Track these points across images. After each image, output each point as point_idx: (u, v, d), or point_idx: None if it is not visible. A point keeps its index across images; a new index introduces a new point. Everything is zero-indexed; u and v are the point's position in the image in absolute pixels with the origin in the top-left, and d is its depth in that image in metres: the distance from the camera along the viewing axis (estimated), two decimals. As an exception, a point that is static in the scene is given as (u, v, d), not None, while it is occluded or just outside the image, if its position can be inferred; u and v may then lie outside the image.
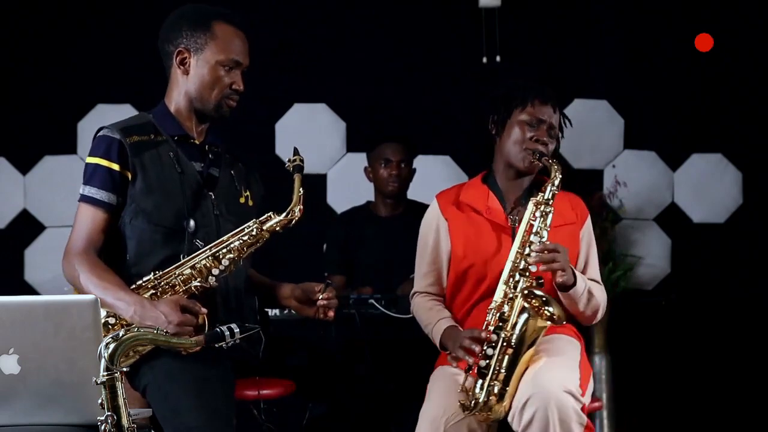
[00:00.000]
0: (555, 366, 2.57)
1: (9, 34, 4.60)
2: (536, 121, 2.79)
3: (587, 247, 2.85)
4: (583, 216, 2.88)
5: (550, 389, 2.48)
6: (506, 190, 2.85)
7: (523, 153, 2.77)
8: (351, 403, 2.74)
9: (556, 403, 2.46)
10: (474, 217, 2.83)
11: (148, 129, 2.64)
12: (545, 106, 2.80)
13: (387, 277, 3.91)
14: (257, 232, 2.56)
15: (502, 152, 2.84)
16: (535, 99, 2.80)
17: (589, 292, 2.73)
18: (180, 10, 2.71)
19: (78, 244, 2.56)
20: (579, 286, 2.69)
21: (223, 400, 2.46)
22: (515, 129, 2.80)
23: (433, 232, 2.87)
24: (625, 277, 4.58)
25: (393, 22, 4.78)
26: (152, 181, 2.57)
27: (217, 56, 2.63)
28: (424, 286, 2.90)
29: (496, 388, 2.54)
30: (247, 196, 2.75)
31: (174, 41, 2.66)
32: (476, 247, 2.78)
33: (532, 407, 2.47)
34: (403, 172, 4.07)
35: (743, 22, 4.80)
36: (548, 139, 2.79)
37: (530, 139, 2.77)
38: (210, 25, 2.64)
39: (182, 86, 2.67)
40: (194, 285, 2.53)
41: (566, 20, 4.82)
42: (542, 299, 2.58)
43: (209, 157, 2.70)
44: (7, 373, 2.08)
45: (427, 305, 2.88)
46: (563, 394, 2.48)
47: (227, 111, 2.68)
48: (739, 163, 4.86)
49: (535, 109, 2.79)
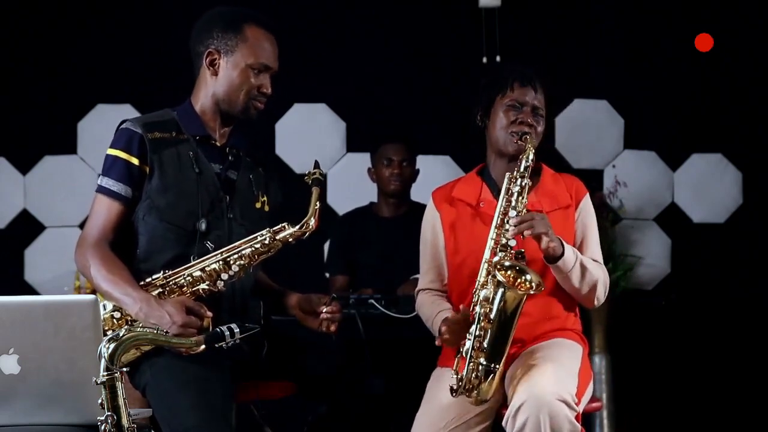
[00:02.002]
0: (552, 372, 2.53)
1: (9, 34, 4.60)
2: (519, 104, 2.77)
3: (583, 227, 2.81)
4: (579, 195, 2.84)
5: (543, 396, 2.44)
6: (500, 178, 2.79)
7: (508, 137, 2.76)
8: (351, 403, 2.73)
9: (549, 411, 2.43)
10: (466, 211, 2.81)
11: (170, 126, 2.65)
12: (525, 87, 2.78)
13: (389, 277, 3.91)
14: (270, 241, 2.56)
15: (491, 141, 2.84)
16: (515, 82, 2.78)
17: (582, 266, 2.68)
18: (212, 11, 2.72)
19: (92, 235, 2.58)
20: (568, 256, 2.64)
21: (222, 401, 2.46)
22: (499, 115, 2.79)
23: (430, 228, 2.88)
24: (625, 277, 4.57)
25: (393, 22, 4.78)
26: (169, 179, 2.58)
27: (247, 59, 2.64)
28: (427, 283, 2.90)
29: (480, 366, 2.51)
30: (263, 201, 2.76)
31: (204, 42, 2.67)
32: (468, 241, 2.77)
33: (525, 413, 2.44)
34: (405, 171, 4.08)
35: (743, 22, 4.80)
36: (533, 120, 2.76)
37: (514, 122, 2.76)
38: (241, 27, 2.65)
39: (210, 87, 2.68)
40: (202, 288, 2.54)
41: (566, 20, 4.82)
42: (515, 269, 2.54)
43: (229, 159, 2.71)
44: (7, 373, 2.08)
45: (429, 300, 2.87)
46: (557, 402, 2.44)
47: (254, 113, 2.69)
48: (739, 163, 4.86)
49: (515, 92, 2.78)
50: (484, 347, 2.51)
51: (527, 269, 2.54)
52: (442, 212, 2.85)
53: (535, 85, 2.79)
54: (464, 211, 2.82)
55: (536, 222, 2.57)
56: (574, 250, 2.69)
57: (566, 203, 2.81)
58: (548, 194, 2.79)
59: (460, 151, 4.77)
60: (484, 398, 2.54)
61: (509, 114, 2.77)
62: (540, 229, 2.56)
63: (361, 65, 4.73)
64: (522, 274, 2.53)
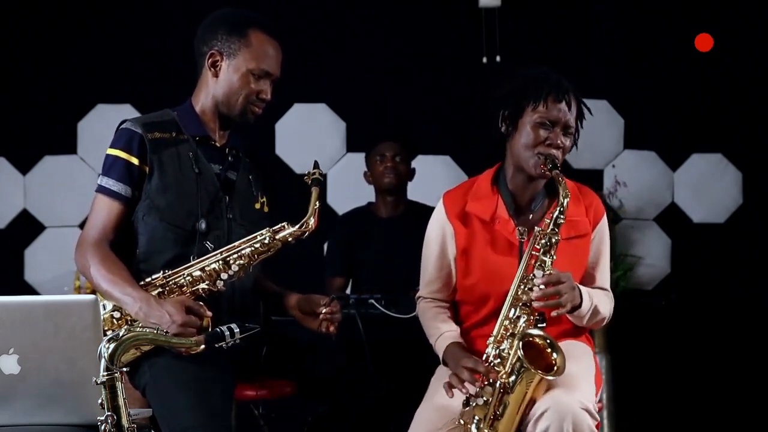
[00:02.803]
0: (574, 380, 2.48)
1: (9, 34, 4.60)
2: (550, 122, 2.58)
3: (597, 253, 2.69)
4: (597, 217, 2.69)
5: (569, 404, 2.39)
6: (517, 193, 2.68)
7: (535, 158, 2.57)
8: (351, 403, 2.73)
9: (573, 419, 2.38)
10: (481, 231, 2.66)
11: (170, 127, 2.65)
12: (560, 104, 2.58)
13: (388, 278, 3.91)
14: (269, 240, 2.57)
15: (513, 154, 2.64)
16: (549, 96, 2.57)
17: (595, 309, 2.60)
18: (219, 12, 2.72)
19: (91, 235, 2.58)
20: (584, 307, 2.55)
21: (222, 401, 2.46)
22: (527, 130, 2.59)
23: (440, 237, 2.72)
24: (625, 277, 4.58)
25: (393, 22, 4.78)
26: (168, 179, 2.58)
27: (249, 64, 2.63)
28: (430, 291, 2.79)
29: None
30: (263, 202, 2.76)
31: (208, 43, 2.67)
32: (481, 265, 2.64)
33: (548, 420, 2.38)
34: (399, 166, 4.06)
35: (743, 22, 4.80)
36: (563, 140, 2.59)
37: (543, 143, 2.57)
38: (246, 32, 2.64)
39: (210, 88, 2.68)
40: (201, 287, 2.54)
41: (566, 20, 4.82)
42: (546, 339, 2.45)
43: (229, 159, 2.71)
44: (7, 373, 2.08)
45: (432, 313, 2.77)
46: (581, 412, 2.39)
47: (251, 118, 2.69)
48: (739, 163, 4.87)
49: (549, 108, 2.57)
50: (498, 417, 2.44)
51: (558, 347, 2.43)
52: (456, 227, 2.69)
53: (570, 100, 2.60)
54: (478, 231, 2.67)
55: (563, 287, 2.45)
56: (589, 296, 2.58)
57: (585, 231, 2.66)
58: (568, 221, 2.58)
59: (460, 151, 4.77)
60: None
61: (539, 132, 2.58)
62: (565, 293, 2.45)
63: (361, 65, 4.73)
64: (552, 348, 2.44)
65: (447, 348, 2.64)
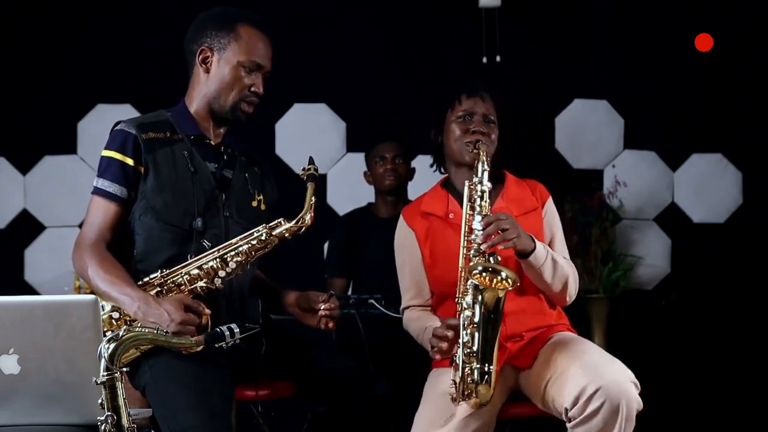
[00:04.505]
0: (607, 357, 2.58)
1: (9, 34, 4.61)
2: (467, 115, 2.83)
3: (550, 226, 2.86)
4: (543, 197, 2.89)
5: (621, 382, 2.48)
6: (463, 188, 2.80)
7: (463, 146, 2.81)
8: (351, 403, 2.73)
9: (626, 397, 2.47)
10: (438, 224, 2.85)
11: (164, 127, 2.65)
12: (473, 98, 2.84)
13: (388, 278, 3.89)
14: (266, 237, 2.57)
15: (448, 154, 2.89)
16: (461, 95, 2.85)
17: (553, 260, 2.71)
18: (206, 12, 2.73)
19: (89, 237, 2.58)
20: (539, 251, 2.67)
21: (221, 401, 2.46)
22: (452, 127, 2.85)
23: (405, 245, 2.91)
24: (625, 277, 4.58)
25: (393, 22, 4.78)
26: (164, 179, 2.58)
27: (239, 57, 2.64)
28: (409, 300, 2.93)
29: (475, 370, 2.50)
30: (259, 200, 2.76)
31: (198, 40, 2.68)
32: (444, 253, 2.78)
33: (601, 399, 2.45)
34: (399, 167, 4.07)
35: (743, 22, 4.80)
36: (486, 127, 2.81)
37: (466, 132, 2.81)
38: (235, 26, 2.66)
39: (203, 86, 2.68)
40: (200, 286, 2.54)
41: (566, 20, 4.82)
42: (489, 270, 2.55)
43: (224, 158, 2.71)
44: (7, 373, 2.08)
45: (414, 316, 2.89)
46: (631, 387, 2.50)
47: (242, 115, 2.69)
48: (739, 163, 4.87)
49: (463, 104, 2.84)
50: (474, 352, 2.52)
51: (500, 267, 2.55)
52: (415, 228, 2.89)
53: (482, 95, 2.85)
54: (436, 224, 2.85)
55: (502, 222, 2.60)
56: (544, 245, 2.73)
57: (533, 206, 2.85)
58: (514, 199, 2.83)
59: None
60: (483, 401, 2.54)
61: (460, 125, 2.83)
62: (507, 227, 2.59)
63: (361, 65, 4.73)
64: (496, 273, 2.54)
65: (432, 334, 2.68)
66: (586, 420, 2.48)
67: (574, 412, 2.49)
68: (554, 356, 2.63)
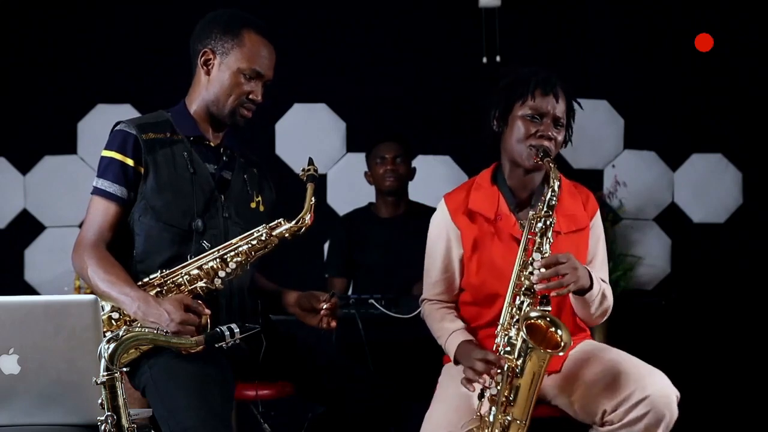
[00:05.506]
0: (650, 367, 2.55)
1: (9, 33, 4.61)
2: (538, 115, 2.64)
3: (595, 246, 2.73)
4: (593, 210, 2.75)
5: (668, 396, 2.47)
6: (516, 188, 2.72)
7: (527, 150, 2.63)
8: (351, 403, 2.73)
9: (670, 411, 2.45)
10: (485, 228, 2.69)
11: (164, 127, 2.65)
12: (547, 96, 2.64)
13: (389, 278, 3.91)
14: (266, 237, 2.57)
15: (506, 149, 2.70)
16: (536, 90, 2.64)
17: (603, 294, 2.62)
18: (215, 13, 2.72)
19: (88, 237, 2.58)
20: (595, 289, 2.56)
21: (221, 401, 2.45)
22: (517, 124, 2.65)
23: (444, 239, 2.75)
24: (625, 277, 4.58)
25: (393, 23, 4.78)
26: (163, 179, 2.58)
27: (240, 63, 2.63)
28: (435, 294, 2.80)
29: (507, 419, 2.44)
30: (258, 201, 2.76)
31: (203, 41, 2.67)
32: (489, 261, 2.67)
33: (646, 407, 2.42)
34: (400, 168, 4.07)
35: (743, 22, 4.80)
36: (554, 132, 2.64)
37: (534, 135, 2.63)
38: (240, 32, 2.65)
39: (202, 87, 2.68)
40: (200, 286, 2.54)
41: (566, 20, 4.83)
42: (546, 319, 2.46)
43: (223, 159, 2.71)
44: (7, 373, 2.08)
45: (438, 315, 2.78)
46: (675, 402, 2.48)
47: (241, 120, 2.69)
48: (739, 163, 4.87)
49: (536, 101, 2.64)
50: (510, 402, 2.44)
51: (560, 323, 2.44)
52: (461, 227, 2.71)
53: (557, 94, 2.65)
54: (483, 228, 2.69)
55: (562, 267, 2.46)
56: (598, 278, 2.60)
57: (584, 224, 2.70)
58: (567, 215, 2.67)
59: (460, 151, 4.77)
60: None
61: (529, 125, 2.64)
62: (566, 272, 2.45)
63: (361, 65, 4.73)
64: (555, 326, 2.45)
65: (459, 347, 2.64)
66: (626, 426, 2.45)
67: (614, 417, 2.46)
68: (590, 361, 2.58)
